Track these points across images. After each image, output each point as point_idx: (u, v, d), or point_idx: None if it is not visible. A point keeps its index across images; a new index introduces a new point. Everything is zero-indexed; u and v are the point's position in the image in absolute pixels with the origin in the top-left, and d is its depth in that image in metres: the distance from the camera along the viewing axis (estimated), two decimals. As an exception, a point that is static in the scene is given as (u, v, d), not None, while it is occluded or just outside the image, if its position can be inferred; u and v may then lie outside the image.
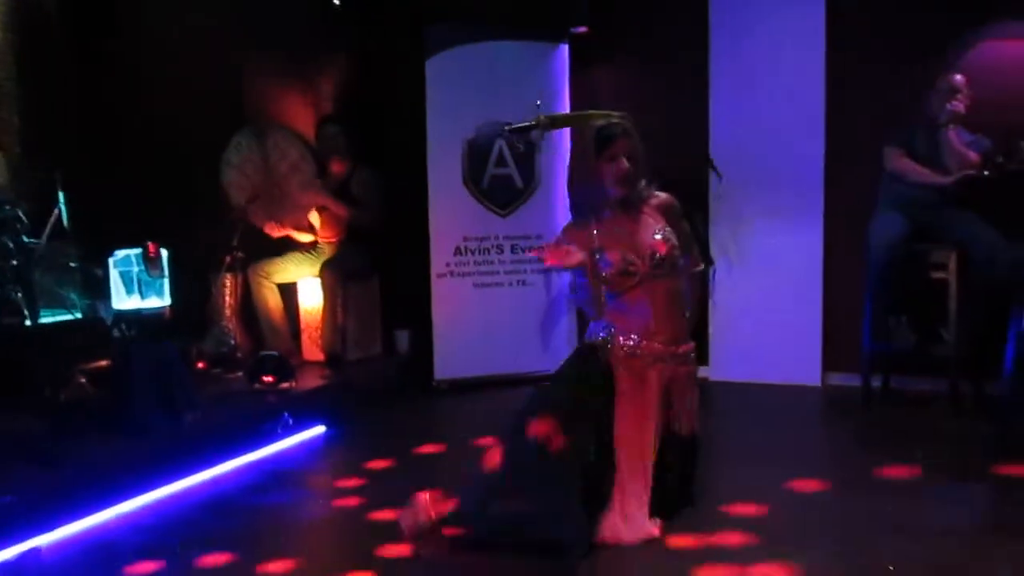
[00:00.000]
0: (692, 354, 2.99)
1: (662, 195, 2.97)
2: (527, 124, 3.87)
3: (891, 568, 2.44)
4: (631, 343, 2.84)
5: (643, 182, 2.91)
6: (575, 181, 2.96)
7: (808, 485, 3.23)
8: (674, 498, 2.88)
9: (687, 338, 2.99)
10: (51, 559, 2.86)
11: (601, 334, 2.88)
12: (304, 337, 5.16)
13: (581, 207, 2.94)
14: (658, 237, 2.86)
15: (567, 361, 2.99)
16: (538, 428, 2.71)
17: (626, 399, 2.80)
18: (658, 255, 2.83)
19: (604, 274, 2.83)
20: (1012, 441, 3.38)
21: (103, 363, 3.94)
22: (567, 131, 4.97)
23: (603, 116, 3.06)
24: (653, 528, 2.73)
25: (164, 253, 3.75)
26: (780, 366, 4.89)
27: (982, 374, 4.21)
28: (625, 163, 2.83)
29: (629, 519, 2.72)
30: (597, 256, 2.82)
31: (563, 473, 2.67)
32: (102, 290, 3.90)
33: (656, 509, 2.78)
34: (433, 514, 2.77)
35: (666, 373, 2.85)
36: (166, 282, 3.75)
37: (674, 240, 2.88)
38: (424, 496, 2.82)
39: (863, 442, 3.83)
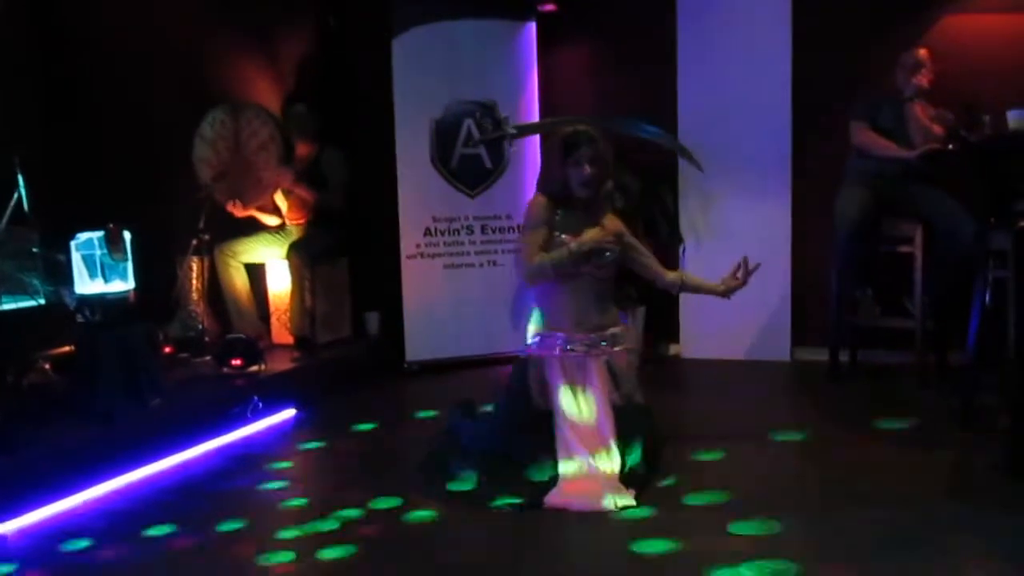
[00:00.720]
0: (621, 333, 3.17)
1: (617, 221, 3.24)
2: (496, 135, 3.93)
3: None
4: (561, 341, 3.07)
5: (609, 184, 3.19)
6: (545, 183, 3.17)
7: (777, 458, 3.27)
8: (639, 469, 2.95)
9: (617, 322, 3.20)
10: (15, 545, 2.82)
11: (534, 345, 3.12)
12: (273, 320, 5.12)
13: (541, 203, 3.15)
14: (610, 239, 3.13)
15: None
16: None
17: (567, 396, 2.97)
18: (607, 252, 3.08)
19: (569, 263, 3.04)
20: (975, 411, 3.43)
21: (67, 349, 3.89)
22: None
23: (571, 123, 3.22)
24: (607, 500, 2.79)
25: (127, 235, 3.69)
26: (750, 342, 4.93)
27: (946, 346, 4.27)
28: (588, 168, 3.02)
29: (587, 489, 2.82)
30: (555, 240, 3.07)
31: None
32: (65, 275, 3.84)
33: (625, 482, 2.87)
34: None
35: (603, 358, 3.05)
36: (130, 265, 3.69)
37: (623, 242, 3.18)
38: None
39: (831, 415, 3.87)
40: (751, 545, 2.49)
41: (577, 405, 2.97)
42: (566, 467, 2.88)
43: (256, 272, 5.13)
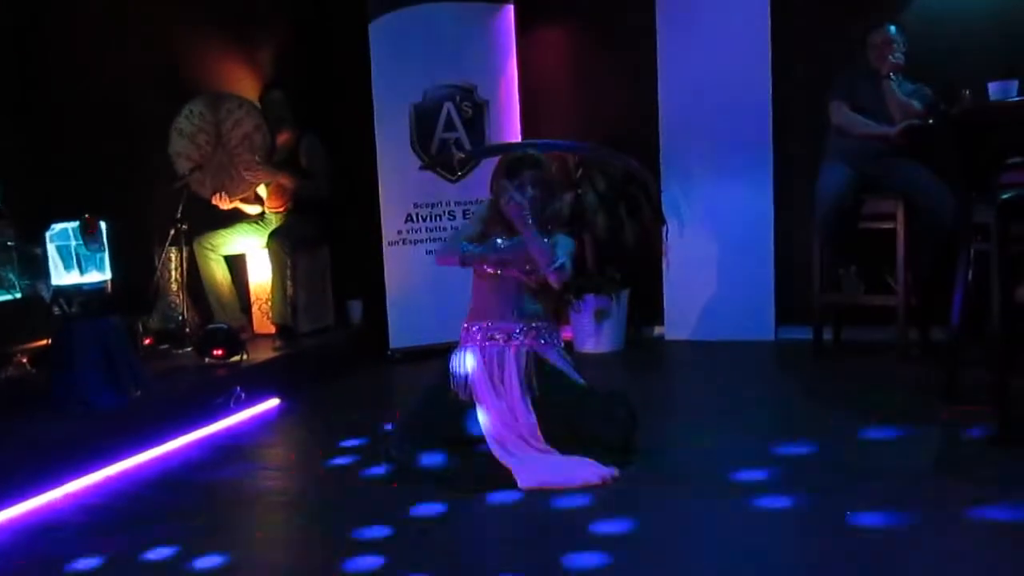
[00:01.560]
0: (548, 325, 3.16)
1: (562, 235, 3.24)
2: (444, 158, 3.93)
3: (847, 513, 2.47)
4: (480, 331, 3.13)
5: (558, 208, 3.29)
6: (492, 201, 3.25)
7: (763, 437, 3.27)
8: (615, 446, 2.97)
9: (542, 316, 3.16)
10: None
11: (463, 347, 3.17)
12: (255, 309, 5.07)
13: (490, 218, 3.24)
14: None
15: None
16: None
17: (485, 385, 3.02)
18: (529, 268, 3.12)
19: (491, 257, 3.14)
20: (959, 385, 3.44)
21: (44, 342, 3.83)
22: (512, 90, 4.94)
23: (520, 146, 3.43)
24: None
25: (103, 225, 3.63)
26: (733, 322, 4.93)
27: (929, 322, 4.29)
28: (529, 190, 3.10)
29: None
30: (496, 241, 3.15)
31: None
32: (41, 269, 3.78)
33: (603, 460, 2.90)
34: None
35: (523, 348, 3.07)
36: (106, 255, 3.63)
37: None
38: None
39: (814, 392, 3.88)
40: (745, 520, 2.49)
41: (491, 399, 3.02)
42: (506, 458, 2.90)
43: (236, 262, 5.07)
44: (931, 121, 4.08)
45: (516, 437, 2.96)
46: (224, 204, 4.88)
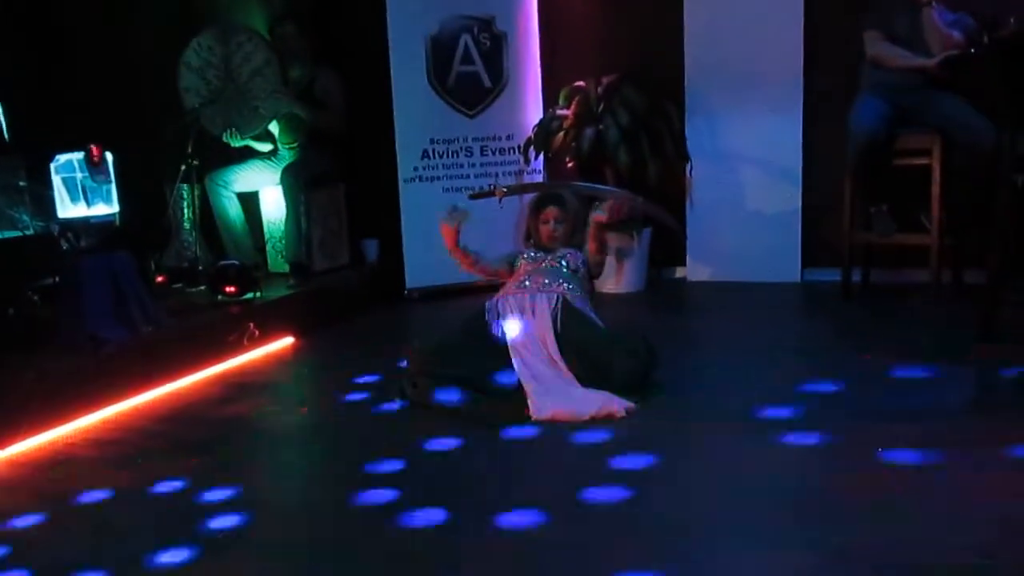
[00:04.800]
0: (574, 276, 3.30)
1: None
2: (486, 192, 3.86)
3: (878, 449, 2.37)
4: (516, 282, 3.26)
5: (580, 241, 3.41)
6: (526, 231, 3.57)
7: (791, 375, 3.16)
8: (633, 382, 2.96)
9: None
10: (5, 476, 2.73)
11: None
12: (269, 248, 4.98)
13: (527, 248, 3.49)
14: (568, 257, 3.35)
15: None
16: None
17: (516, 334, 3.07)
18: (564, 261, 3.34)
19: (517, 263, 3.39)
20: (994, 326, 3.30)
21: (55, 279, 3.76)
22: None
23: (553, 187, 3.73)
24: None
25: (109, 157, 3.53)
26: (758, 264, 4.79)
27: (963, 263, 4.14)
28: (552, 225, 3.38)
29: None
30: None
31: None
32: (53, 208, 3.70)
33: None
34: None
35: (554, 294, 3.14)
36: (113, 188, 3.54)
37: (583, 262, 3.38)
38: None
39: (844, 332, 3.76)
40: (771, 457, 2.40)
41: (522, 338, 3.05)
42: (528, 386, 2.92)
43: (250, 200, 4.98)
44: (973, 51, 3.87)
45: (541, 355, 2.99)
46: (236, 143, 4.77)
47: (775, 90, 4.67)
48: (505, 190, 3.58)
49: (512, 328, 3.06)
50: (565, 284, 3.18)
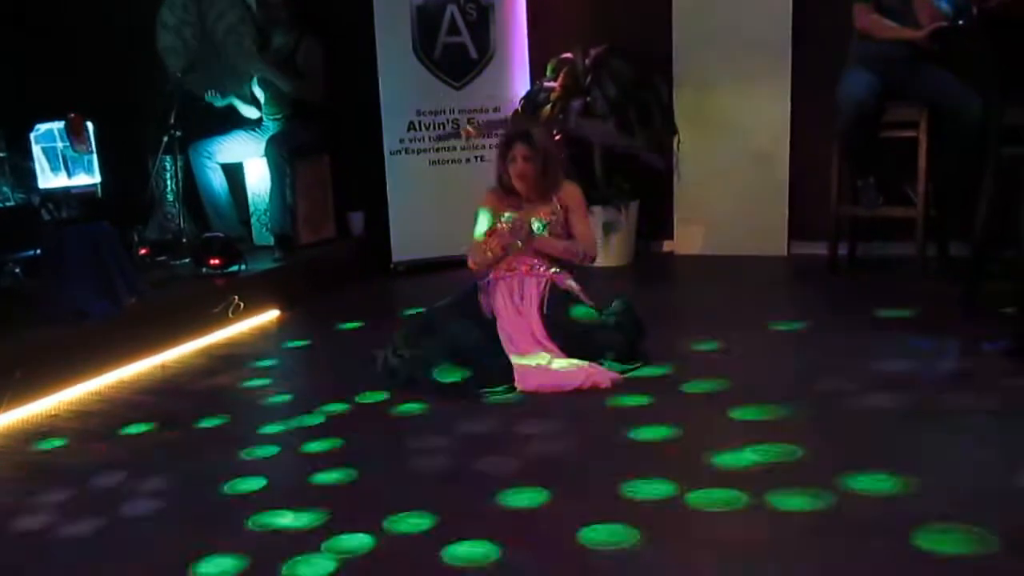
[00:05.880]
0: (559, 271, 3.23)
1: (570, 186, 3.32)
2: (454, 133, 3.79)
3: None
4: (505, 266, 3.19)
5: (557, 180, 3.26)
6: (497, 173, 3.33)
7: (776, 347, 3.17)
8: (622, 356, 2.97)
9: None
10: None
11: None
12: (254, 220, 4.94)
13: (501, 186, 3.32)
14: (552, 217, 3.22)
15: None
16: None
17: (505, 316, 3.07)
18: (542, 225, 3.21)
19: (498, 225, 3.22)
20: (979, 297, 3.32)
21: (37, 251, 3.71)
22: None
23: (524, 121, 3.49)
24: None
25: (90, 126, 3.47)
26: (745, 237, 4.78)
27: (948, 236, 4.15)
28: (520, 164, 3.18)
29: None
30: (499, 217, 3.23)
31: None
32: (34, 179, 3.64)
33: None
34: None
35: (543, 279, 3.14)
36: (94, 158, 3.49)
37: (561, 219, 3.25)
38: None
39: (830, 305, 3.78)
40: (753, 430, 2.40)
41: (509, 315, 3.07)
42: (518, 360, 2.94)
43: (234, 172, 4.92)
44: (961, 23, 3.85)
45: (528, 335, 3.00)
46: (218, 102, 4.71)
47: (763, 63, 4.64)
48: (472, 130, 3.51)
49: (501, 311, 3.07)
50: (554, 268, 3.19)
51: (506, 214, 3.23)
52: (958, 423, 2.40)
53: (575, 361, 2.90)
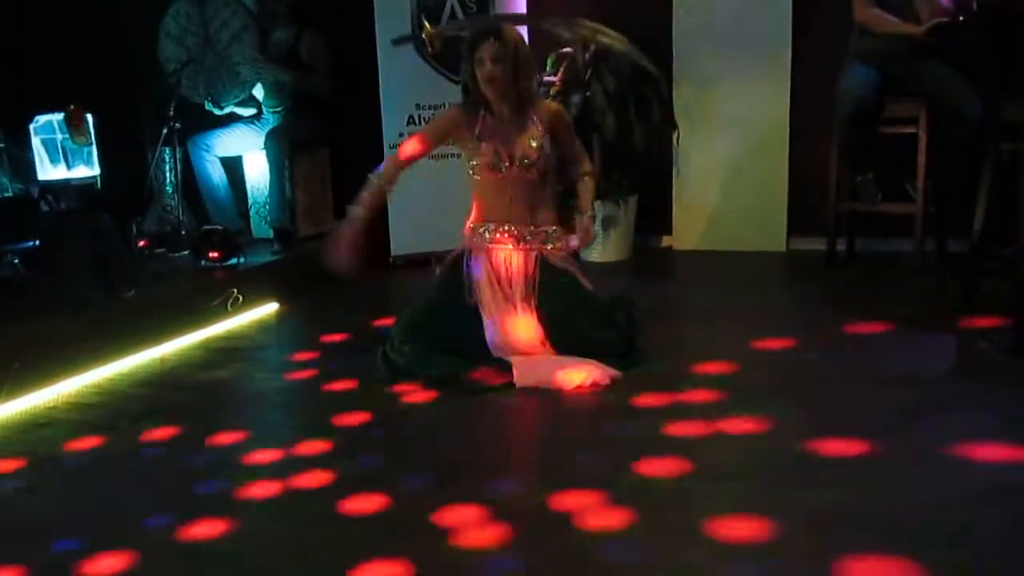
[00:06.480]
0: (556, 230, 3.07)
1: (552, 105, 3.17)
2: (412, 35, 3.65)
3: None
4: (487, 234, 3.02)
5: (531, 86, 3.03)
6: (462, 87, 3.06)
7: (774, 343, 3.17)
8: (619, 353, 2.91)
9: (551, 221, 3.08)
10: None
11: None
12: (253, 214, 4.94)
13: (469, 102, 3.05)
14: (533, 144, 2.99)
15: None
16: None
17: (490, 292, 2.94)
18: (527, 160, 2.98)
19: (474, 162, 3.02)
20: (978, 293, 3.33)
21: (36, 242, 3.72)
22: None
23: (489, 20, 3.14)
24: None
25: (89, 118, 3.47)
26: (744, 233, 4.78)
27: (946, 232, 4.16)
28: (489, 64, 2.90)
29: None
30: (472, 142, 3.00)
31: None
32: (31, 172, 3.64)
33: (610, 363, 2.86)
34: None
35: (532, 253, 2.98)
36: (94, 150, 3.48)
37: (548, 149, 3.02)
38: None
39: (828, 300, 3.78)
40: (754, 423, 2.41)
41: (496, 304, 2.94)
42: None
43: (233, 165, 4.92)
44: (961, 19, 3.85)
45: (520, 335, 2.92)
46: (218, 110, 4.71)
47: (763, 58, 4.64)
48: (433, 30, 3.30)
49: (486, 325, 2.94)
50: (544, 234, 3.01)
51: (483, 144, 2.96)
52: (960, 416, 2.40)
53: (575, 358, 2.85)
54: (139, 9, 4.75)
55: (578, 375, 2.77)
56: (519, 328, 2.92)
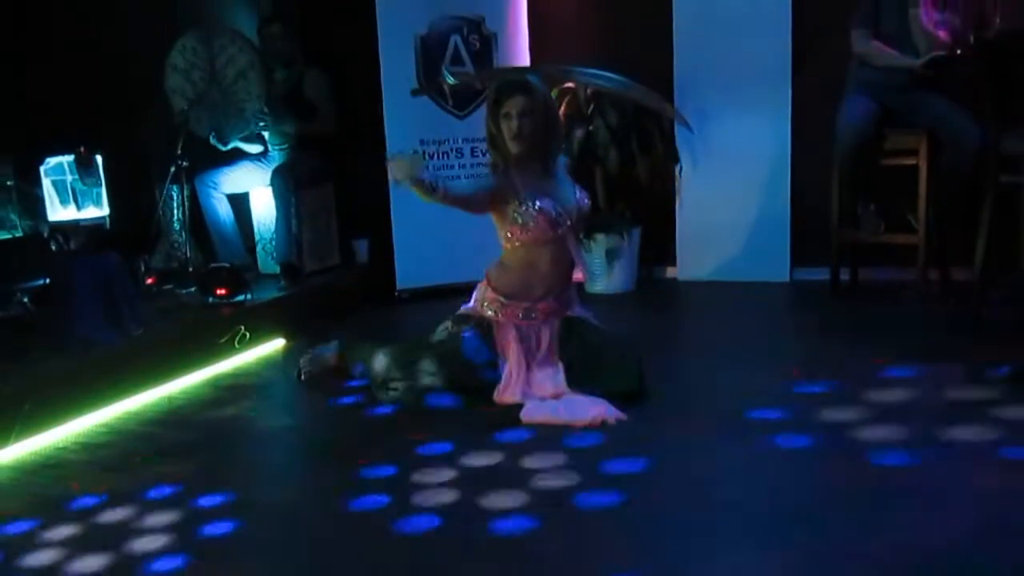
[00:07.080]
0: (574, 290, 3.12)
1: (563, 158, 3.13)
2: (431, 88, 3.67)
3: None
4: (522, 310, 2.96)
5: (560, 140, 3.03)
6: (489, 136, 2.96)
7: (780, 373, 3.18)
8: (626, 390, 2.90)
9: (571, 279, 3.10)
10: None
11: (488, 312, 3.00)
12: (259, 249, 4.97)
13: (496, 164, 2.97)
14: (578, 195, 3.00)
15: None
16: None
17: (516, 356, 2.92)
18: (583, 211, 3.00)
19: (521, 222, 2.87)
20: (983, 322, 3.34)
21: (45, 281, 3.75)
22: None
23: (513, 72, 3.10)
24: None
25: (98, 159, 3.52)
26: (748, 263, 4.80)
27: (949, 261, 4.17)
28: (517, 120, 2.82)
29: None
30: (525, 204, 2.85)
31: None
32: (42, 208, 3.68)
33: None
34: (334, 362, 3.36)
35: (556, 322, 2.99)
36: (103, 191, 3.53)
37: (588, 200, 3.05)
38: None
39: (831, 330, 3.79)
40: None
41: (521, 362, 2.93)
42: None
43: (240, 201, 4.97)
44: (959, 52, 3.89)
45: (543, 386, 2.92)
46: (222, 147, 4.77)
47: (763, 90, 4.68)
48: (454, 80, 3.24)
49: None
50: (567, 295, 3.04)
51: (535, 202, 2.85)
52: (960, 451, 2.40)
53: (584, 397, 2.84)
54: (147, 45, 4.80)
55: (587, 415, 2.75)
56: (546, 380, 2.92)
